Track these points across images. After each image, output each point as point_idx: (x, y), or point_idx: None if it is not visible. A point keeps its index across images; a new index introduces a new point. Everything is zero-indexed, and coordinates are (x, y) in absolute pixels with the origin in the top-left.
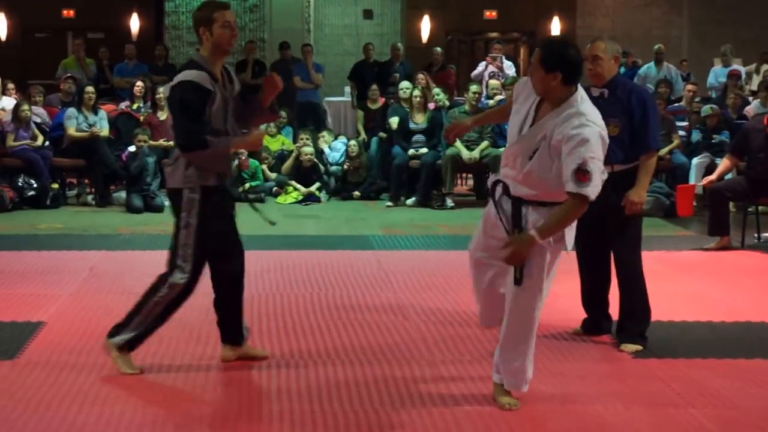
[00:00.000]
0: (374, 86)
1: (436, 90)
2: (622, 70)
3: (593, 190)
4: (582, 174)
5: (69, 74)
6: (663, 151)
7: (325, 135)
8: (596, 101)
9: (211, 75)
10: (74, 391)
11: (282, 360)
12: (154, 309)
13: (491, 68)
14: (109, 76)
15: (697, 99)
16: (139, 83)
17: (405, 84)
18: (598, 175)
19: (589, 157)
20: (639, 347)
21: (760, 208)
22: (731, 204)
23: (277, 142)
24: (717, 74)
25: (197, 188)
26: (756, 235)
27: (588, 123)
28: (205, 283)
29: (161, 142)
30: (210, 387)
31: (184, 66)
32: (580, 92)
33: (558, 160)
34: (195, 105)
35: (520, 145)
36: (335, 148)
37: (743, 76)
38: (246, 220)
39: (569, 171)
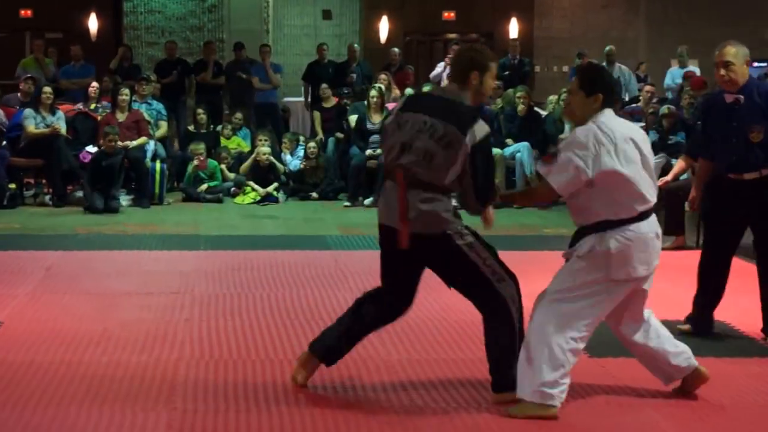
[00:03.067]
0: (324, 85)
1: (409, 91)
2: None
3: (555, 180)
4: (548, 156)
5: (29, 74)
6: None
7: (286, 141)
8: (731, 108)
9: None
10: (30, 391)
11: (239, 359)
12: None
13: (450, 69)
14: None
15: (654, 100)
16: (94, 84)
17: (377, 85)
18: (570, 172)
19: (563, 150)
20: None
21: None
22: (685, 204)
23: (232, 143)
24: (674, 75)
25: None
26: None
27: (588, 124)
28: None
29: (119, 142)
30: (164, 386)
31: (470, 111)
32: (609, 111)
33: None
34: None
35: None
36: (297, 155)
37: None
38: (203, 221)
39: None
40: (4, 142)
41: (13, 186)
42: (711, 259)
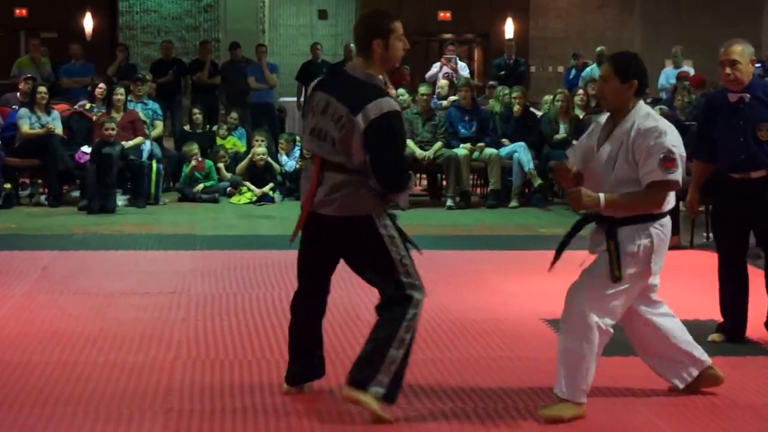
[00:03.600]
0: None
1: (401, 91)
2: (573, 72)
3: (679, 176)
4: (669, 161)
5: (28, 74)
6: None
7: (282, 142)
8: (736, 107)
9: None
10: (27, 391)
11: (235, 359)
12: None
13: (446, 69)
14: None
15: (648, 100)
16: (102, 86)
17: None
18: (681, 164)
19: (671, 146)
20: None
21: (709, 207)
22: (681, 204)
23: (228, 143)
24: (668, 75)
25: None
26: (705, 234)
27: (660, 118)
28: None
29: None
30: (160, 386)
31: (366, 87)
32: (642, 103)
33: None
34: (403, 138)
35: (598, 168)
36: (293, 155)
37: None
38: (200, 221)
39: (655, 160)
40: None
41: (8, 186)
42: (725, 263)
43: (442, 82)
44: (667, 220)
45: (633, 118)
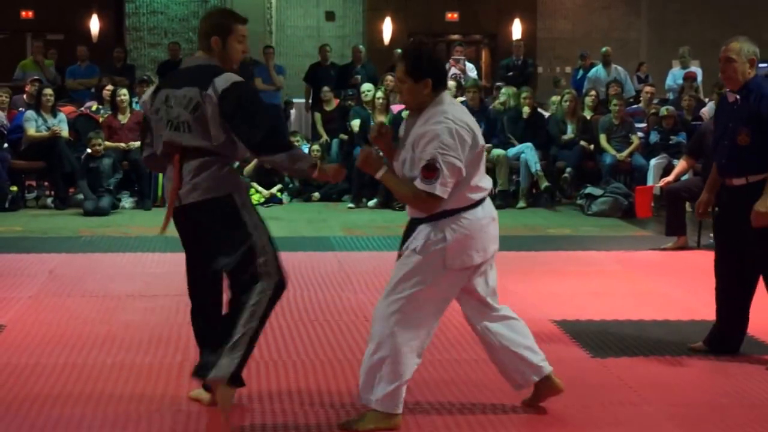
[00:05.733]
0: (326, 88)
1: None
2: (580, 72)
3: (442, 189)
4: (429, 170)
5: (36, 77)
6: (623, 154)
7: (296, 140)
8: (731, 107)
9: None
10: (34, 394)
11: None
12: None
13: (454, 70)
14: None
15: (655, 101)
16: (110, 87)
17: (367, 86)
18: (450, 170)
19: (439, 153)
20: None
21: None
22: (688, 204)
23: None
24: (675, 76)
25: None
26: (712, 235)
27: (443, 120)
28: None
29: (121, 144)
30: (168, 388)
31: (208, 67)
32: (445, 96)
33: None
34: (262, 104)
35: (397, 167)
36: None
37: (699, 78)
38: None
39: (419, 168)
40: (6, 145)
41: (14, 188)
42: (716, 264)
43: (450, 84)
44: (470, 215)
45: (425, 117)
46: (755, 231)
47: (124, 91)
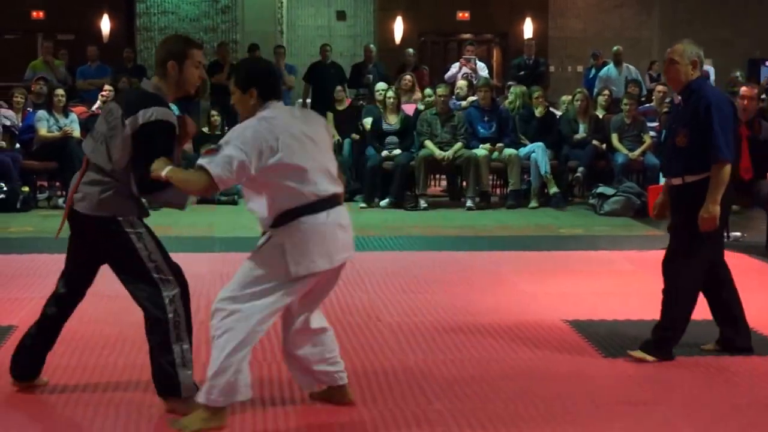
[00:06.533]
0: (339, 87)
1: (428, 91)
2: (592, 71)
3: (215, 167)
4: (210, 149)
5: (41, 75)
6: (635, 153)
7: None
8: (676, 109)
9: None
10: (46, 394)
11: (254, 361)
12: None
13: (465, 70)
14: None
15: (667, 100)
16: (108, 87)
17: (381, 85)
18: (228, 155)
19: (225, 141)
20: (644, 355)
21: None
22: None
23: None
24: None
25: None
26: (725, 234)
27: (251, 120)
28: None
29: None
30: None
31: (147, 96)
32: (273, 105)
33: None
34: (168, 148)
35: None
36: None
37: (712, 77)
38: (218, 222)
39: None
40: (17, 145)
41: (26, 189)
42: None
43: (462, 83)
44: (306, 219)
45: None
46: (683, 230)
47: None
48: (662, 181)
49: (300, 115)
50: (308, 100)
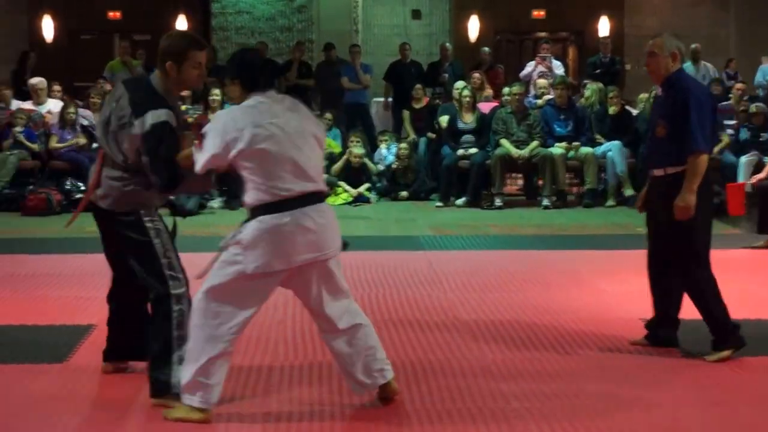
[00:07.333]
0: (418, 86)
1: (505, 90)
2: None
3: (198, 156)
4: (201, 138)
5: (104, 76)
6: (713, 152)
7: (386, 137)
8: (657, 101)
9: (173, 106)
10: (122, 395)
11: (326, 361)
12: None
13: (540, 68)
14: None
15: (745, 97)
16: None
17: (460, 83)
18: (207, 147)
19: (208, 130)
20: (722, 354)
21: None
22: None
23: None
24: (765, 72)
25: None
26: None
27: (227, 110)
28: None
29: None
30: (258, 388)
31: (154, 97)
32: (256, 97)
33: None
34: (173, 148)
35: None
36: (391, 150)
37: None
38: None
39: None
40: (95, 144)
41: None
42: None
43: (542, 81)
44: (273, 216)
45: None
46: (668, 224)
47: (217, 91)
48: (741, 179)
49: (284, 109)
50: (389, 99)
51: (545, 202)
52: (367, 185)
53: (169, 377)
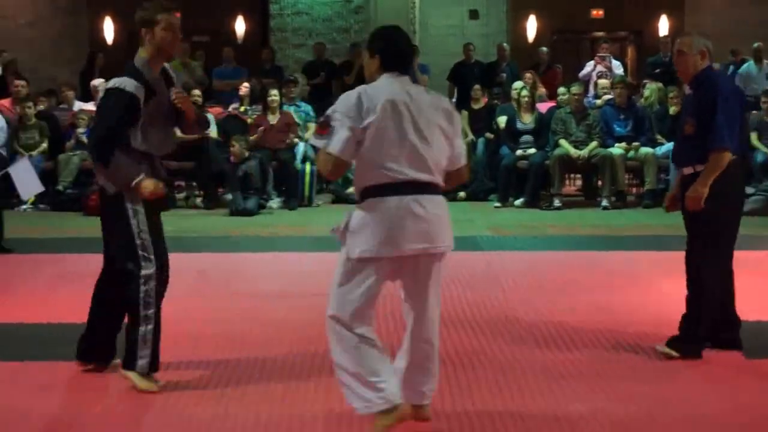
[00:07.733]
0: (477, 86)
1: (561, 90)
2: (731, 68)
3: (333, 145)
4: (321, 127)
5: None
6: None
7: None
8: (687, 99)
9: (149, 80)
10: (178, 392)
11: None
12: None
13: (599, 68)
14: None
15: None
16: (246, 84)
17: (518, 84)
18: (339, 130)
19: (332, 111)
20: (671, 352)
21: None
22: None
23: None
24: None
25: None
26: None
27: (356, 90)
28: None
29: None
30: (320, 386)
31: (126, 67)
32: (386, 76)
33: None
34: (117, 116)
35: None
36: None
37: None
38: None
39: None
40: None
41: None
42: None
43: (603, 81)
44: (379, 200)
45: None
46: (691, 219)
47: (275, 91)
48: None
49: (418, 92)
50: (453, 100)
51: (604, 202)
52: None
53: (133, 357)
